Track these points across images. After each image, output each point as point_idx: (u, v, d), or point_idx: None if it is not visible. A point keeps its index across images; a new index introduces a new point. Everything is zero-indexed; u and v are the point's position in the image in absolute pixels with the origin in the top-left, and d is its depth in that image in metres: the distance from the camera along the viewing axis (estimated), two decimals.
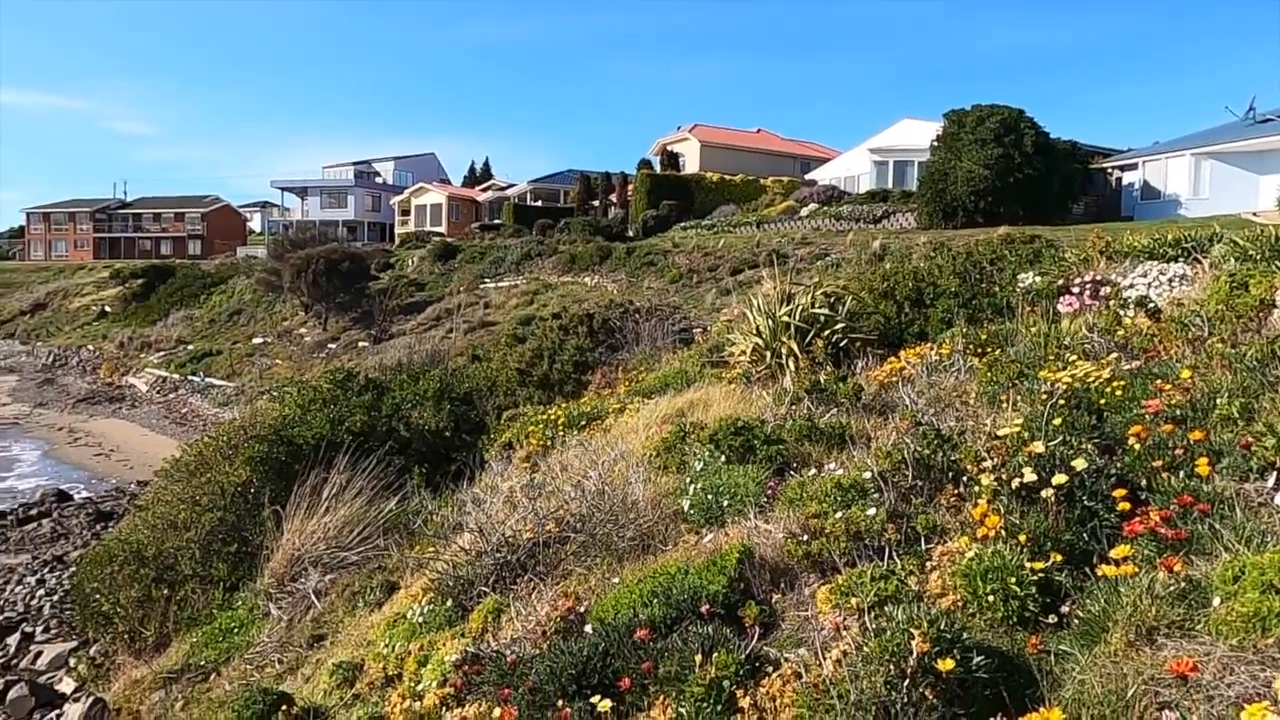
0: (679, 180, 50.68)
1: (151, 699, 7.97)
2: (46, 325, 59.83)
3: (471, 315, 34.12)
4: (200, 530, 10.01)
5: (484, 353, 15.73)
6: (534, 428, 9.33)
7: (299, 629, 7.77)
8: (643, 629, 3.90)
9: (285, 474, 10.29)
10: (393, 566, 7.83)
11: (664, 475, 6.32)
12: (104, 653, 10.43)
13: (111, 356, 46.75)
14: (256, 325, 44.81)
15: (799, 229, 38.02)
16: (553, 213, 54.84)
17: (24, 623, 13.66)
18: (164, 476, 11.82)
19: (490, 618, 5.17)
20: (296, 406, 11.48)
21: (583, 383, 11.47)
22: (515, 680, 3.98)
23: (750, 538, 4.69)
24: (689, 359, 10.92)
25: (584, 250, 38.50)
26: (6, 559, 18.02)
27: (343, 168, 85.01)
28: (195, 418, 33.00)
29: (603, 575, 5.16)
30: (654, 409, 8.42)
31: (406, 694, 4.77)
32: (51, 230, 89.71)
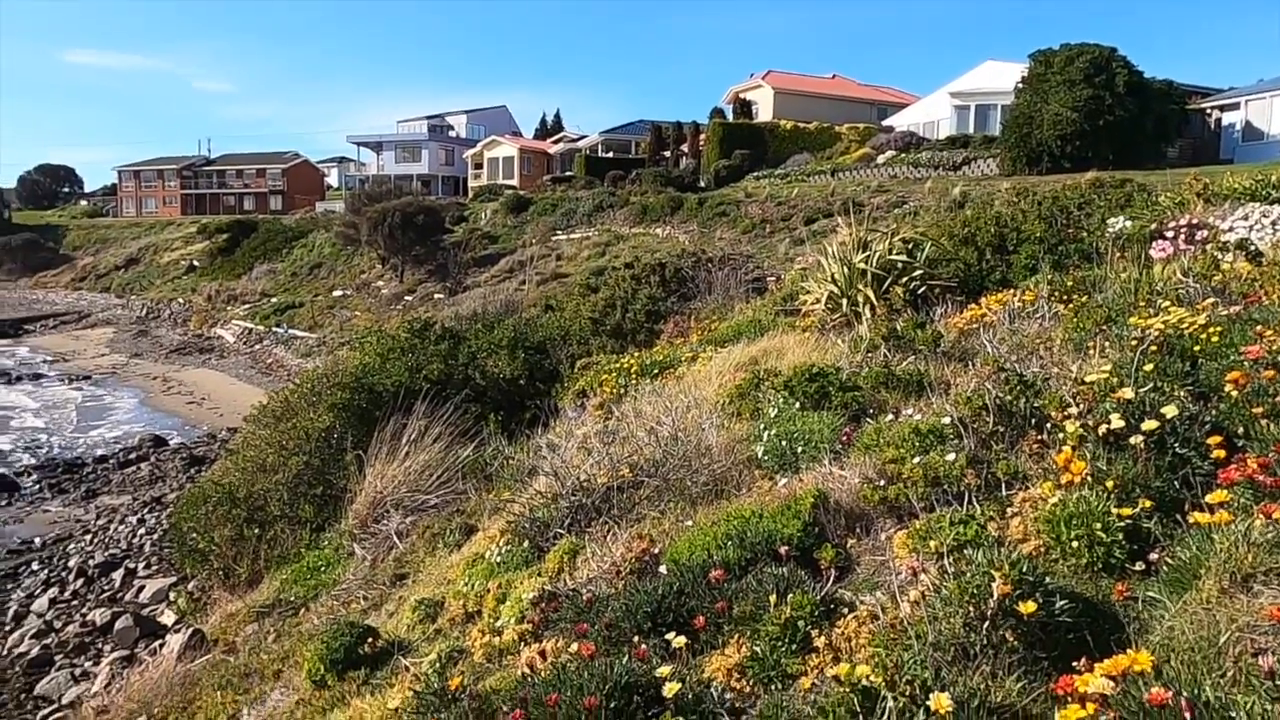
0: (752, 129, 49.82)
1: (246, 631, 8.37)
2: (139, 279, 62.30)
3: (544, 267, 34.34)
4: (287, 473, 10.40)
5: (557, 303, 15.84)
6: (607, 376, 9.39)
7: (382, 568, 8.05)
8: (717, 570, 3.93)
9: (366, 420, 10.61)
10: (470, 510, 8.03)
11: (737, 422, 6.32)
12: (201, 588, 10.99)
13: (200, 309, 48.50)
14: (336, 278, 45.89)
15: (875, 177, 37.12)
16: (624, 164, 54.53)
17: (127, 559, 14.44)
18: (252, 422, 12.28)
19: (566, 558, 5.27)
20: (376, 355, 11.77)
21: (655, 332, 11.47)
22: (591, 617, 4.05)
23: (825, 483, 4.66)
24: (762, 308, 10.82)
25: (655, 201, 38.27)
26: (109, 500, 19.03)
27: (416, 122, 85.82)
28: (280, 368, 34.10)
29: (676, 519, 5.21)
30: (727, 357, 8.40)
31: (486, 629, 4.91)
32: (141, 188, 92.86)
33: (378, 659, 5.49)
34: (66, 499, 19.53)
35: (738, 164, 45.82)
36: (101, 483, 20.53)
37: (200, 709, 6.71)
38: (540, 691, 3.34)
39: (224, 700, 6.62)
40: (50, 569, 14.82)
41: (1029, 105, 32.30)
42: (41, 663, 10.66)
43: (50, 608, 12.76)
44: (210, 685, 7.13)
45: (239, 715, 6.26)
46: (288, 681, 6.32)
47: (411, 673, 4.80)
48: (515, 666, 4.30)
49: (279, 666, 6.80)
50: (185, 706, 7.01)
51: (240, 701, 6.50)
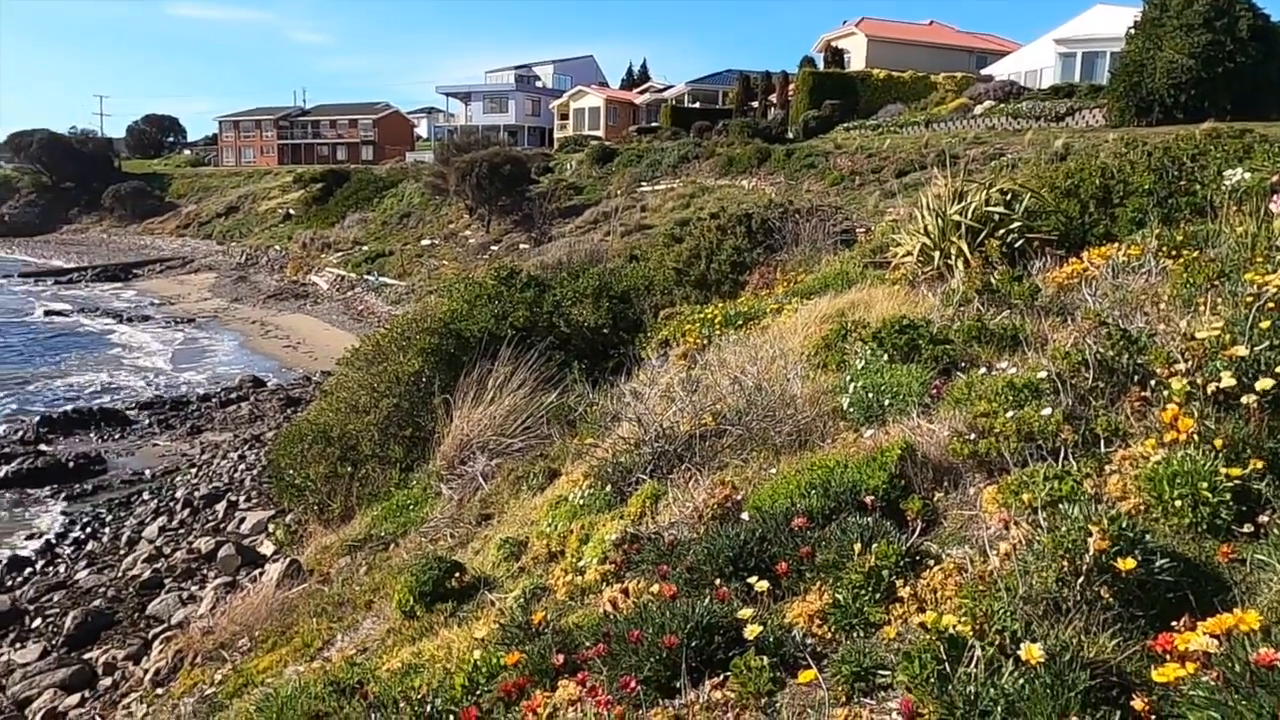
0: (843, 78, 48.46)
1: (339, 563, 8.74)
2: (239, 227, 64.54)
3: (628, 218, 34.30)
4: (378, 414, 10.73)
5: (641, 253, 15.82)
6: (690, 326, 9.37)
7: (468, 508, 8.28)
8: (800, 518, 3.92)
9: (453, 365, 10.83)
10: (554, 454, 8.16)
11: (822, 373, 6.24)
12: (297, 521, 11.49)
13: (296, 256, 50.04)
14: (424, 228, 46.71)
15: (971, 128, 35.79)
16: (710, 114, 53.77)
17: (229, 492, 15.19)
18: (345, 364, 12.68)
19: (648, 503, 5.33)
20: (464, 302, 11.98)
21: (740, 283, 11.37)
22: (673, 560, 4.10)
23: (912, 436, 4.58)
24: (850, 260, 10.61)
25: (742, 152, 37.70)
26: (212, 436, 19.99)
27: (504, 72, 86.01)
28: (370, 314, 35.06)
29: (759, 467, 5.20)
30: (813, 309, 8.28)
31: (569, 569, 5.02)
32: (241, 137, 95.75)
33: (464, 593, 5.68)
34: (173, 434, 20.61)
35: (827, 115, 44.71)
36: (205, 420, 21.58)
37: (297, 633, 7.05)
38: (623, 628, 3.40)
39: (319, 626, 6.94)
40: (159, 499, 15.71)
41: (1141, 52, 30.56)
42: (152, 585, 11.36)
43: (160, 535, 13.55)
44: (306, 612, 7.48)
45: (333, 641, 6.55)
46: (378, 611, 6.58)
47: (497, 607, 4.95)
48: (597, 605, 4.38)
49: (370, 597, 7.09)
50: (284, 631, 7.38)
51: (334, 628, 6.81)
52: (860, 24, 53.86)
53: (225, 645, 7.79)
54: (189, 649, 8.14)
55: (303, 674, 5.63)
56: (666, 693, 3.13)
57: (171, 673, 8.00)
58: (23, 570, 13.13)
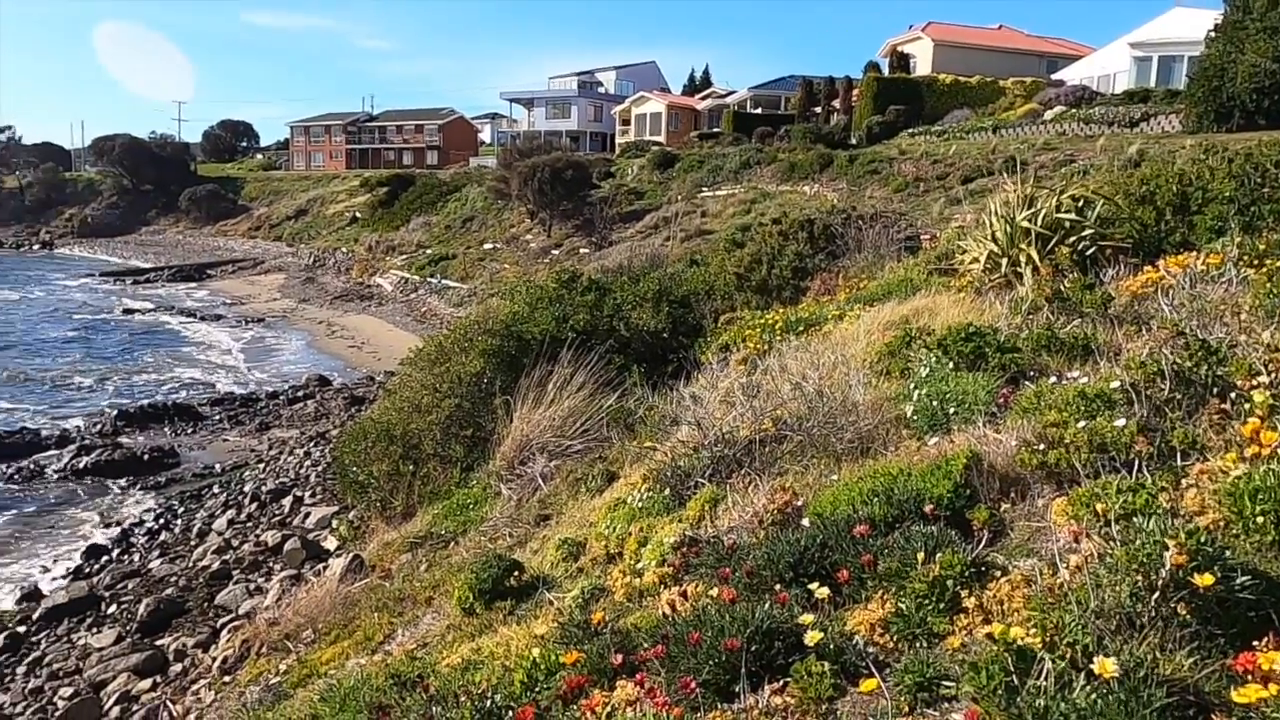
0: (908, 83, 47.81)
1: (400, 559, 8.89)
2: (308, 229, 66.14)
3: (688, 223, 34.29)
4: (440, 414, 10.89)
5: (702, 258, 15.81)
6: (751, 331, 9.33)
7: (527, 508, 8.36)
8: (862, 525, 3.87)
9: (514, 366, 10.95)
10: (613, 457, 8.20)
11: (885, 380, 6.17)
12: (360, 517, 11.72)
13: (361, 258, 51.09)
14: (486, 231, 47.32)
15: (1041, 134, 35.00)
16: (772, 120, 53.51)
17: (295, 487, 15.56)
18: (408, 364, 12.91)
19: (707, 507, 5.32)
20: (525, 304, 12.10)
21: (801, 288, 11.28)
22: (732, 564, 4.08)
23: (978, 445, 4.50)
24: (914, 267, 10.46)
25: (804, 158, 37.44)
26: (280, 433, 20.50)
27: (566, 78, 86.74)
28: (433, 316, 35.62)
29: (819, 474, 5.16)
30: (876, 315, 8.18)
31: (627, 570, 5.03)
32: (310, 142, 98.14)
33: (523, 591, 5.73)
34: (243, 430, 21.19)
35: (891, 120, 44.15)
36: (273, 417, 22.15)
37: (359, 627, 7.19)
38: (682, 630, 3.40)
39: (380, 621, 7.07)
40: (229, 493, 16.16)
41: (1221, 55, 29.55)
42: (221, 575, 11.69)
43: (229, 527, 13.94)
44: (368, 606, 7.62)
45: (394, 635, 6.67)
46: (438, 608, 6.68)
47: (555, 606, 4.99)
48: (655, 607, 4.39)
49: (430, 594, 7.19)
50: (346, 624, 7.53)
51: (395, 623, 6.93)
52: (927, 28, 53.10)
53: (290, 636, 7.97)
54: (255, 639, 8.36)
55: (364, 666, 5.74)
56: (725, 696, 3.12)
57: (239, 661, 8.22)
58: (100, 558, 13.64)
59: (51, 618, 11.38)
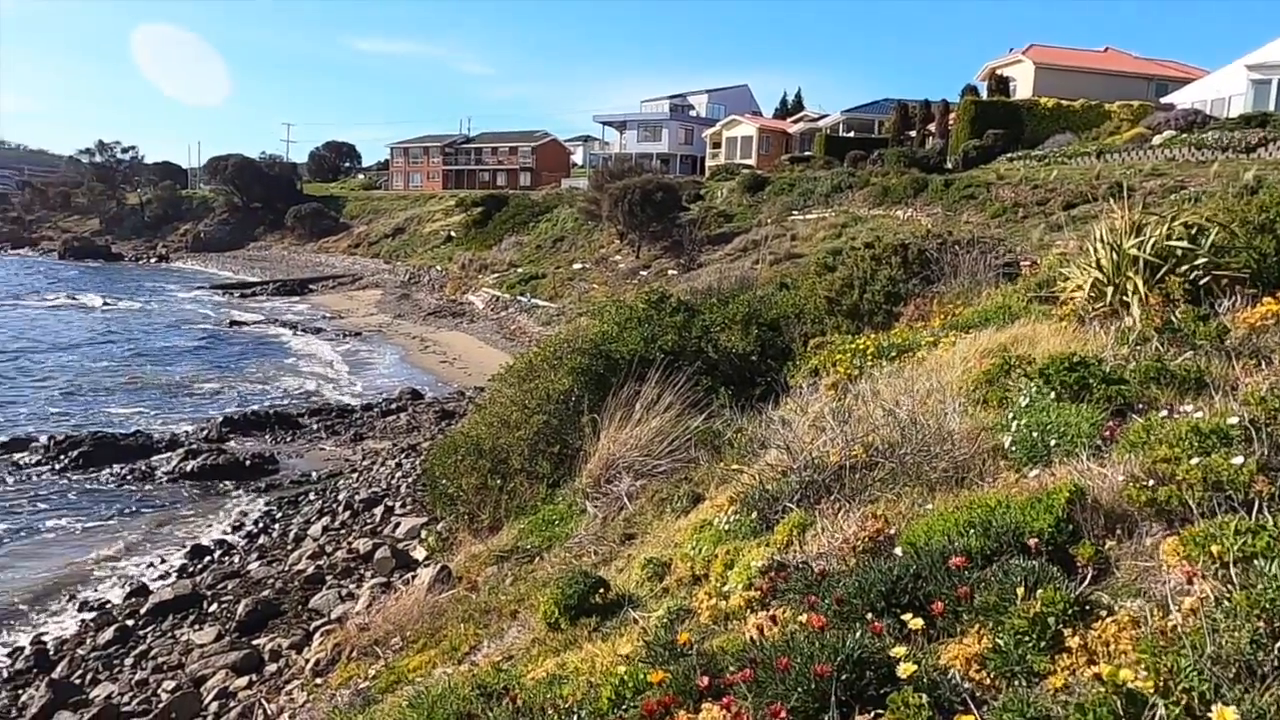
0: (1007, 107, 46.71)
1: (486, 572, 9.02)
2: (404, 247, 68.17)
3: (778, 247, 34.13)
4: (528, 430, 11.04)
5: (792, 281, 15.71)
6: (841, 356, 9.20)
7: (611, 526, 8.39)
8: (958, 557, 3.77)
9: (602, 385, 11.03)
10: (699, 478, 8.18)
11: (982, 409, 6.01)
12: (448, 529, 11.95)
13: (455, 276, 52.37)
14: (576, 252, 47.97)
15: (1148, 159, 33.73)
16: (865, 144, 52.93)
17: (386, 497, 15.97)
18: (499, 380, 13.14)
19: (795, 532, 5.26)
20: (614, 324, 12.21)
21: (893, 314, 11.09)
22: (822, 591, 4.02)
23: (1081, 479, 4.35)
24: (1013, 294, 10.17)
25: (897, 182, 36.90)
26: (373, 444, 21.09)
27: (659, 101, 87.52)
28: (522, 334, 36.22)
29: (912, 503, 5.05)
30: (972, 343, 7.98)
31: (713, 593, 5.00)
32: (409, 163, 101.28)
33: (608, 609, 5.75)
34: (338, 440, 21.88)
35: (989, 144, 43.17)
36: (366, 428, 22.80)
37: (446, 637, 7.32)
38: (770, 655, 3.36)
39: (466, 632, 7.19)
40: (324, 500, 16.69)
41: None
42: (315, 580, 12.06)
43: (323, 534, 14.38)
44: (455, 617, 7.76)
45: (479, 646, 6.76)
46: (524, 621, 6.75)
47: (640, 625, 4.99)
48: (741, 631, 4.35)
49: (515, 607, 7.28)
50: (433, 633, 7.67)
51: (481, 635, 7.03)
52: (1028, 51, 51.82)
53: (379, 642, 8.16)
54: (346, 643, 8.59)
55: (451, 675, 5.84)
56: None
57: (330, 664, 8.46)
58: (203, 558, 14.24)
59: (157, 613, 11.92)
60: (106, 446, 19.96)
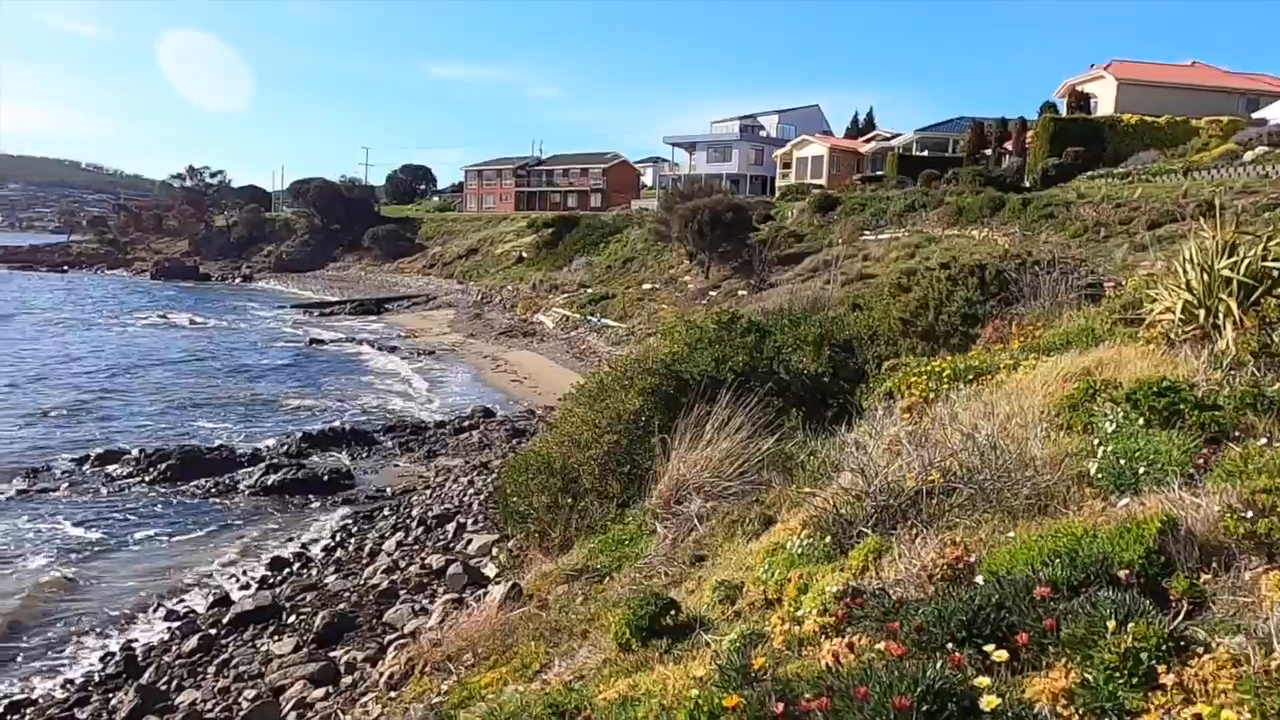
0: (1088, 124, 45.54)
1: (556, 590, 9.07)
2: (477, 268, 69.39)
3: (849, 267, 33.77)
4: (599, 450, 11.10)
5: (864, 302, 15.53)
6: (916, 378, 9.05)
7: (682, 548, 8.36)
8: (1043, 587, 3.67)
9: (672, 406, 11.03)
10: (770, 501, 8.11)
11: (1065, 435, 5.84)
12: (519, 547, 12.06)
13: (526, 296, 53.08)
14: (646, 272, 48.20)
15: (1239, 176, 32.48)
16: (939, 163, 52.12)
17: (458, 514, 16.20)
18: (570, 400, 13.25)
19: (871, 557, 5.17)
20: (684, 344, 12.22)
21: (970, 336, 10.86)
22: (900, 618, 3.95)
23: (1172, 508, 4.19)
24: (1096, 316, 9.88)
25: (973, 201, 36.24)
26: (445, 461, 21.42)
27: (729, 122, 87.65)
28: (592, 353, 36.47)
29: (992, 530, 4.93)
30: (1054, 366, 7.78)
31: (786, 618, 4.94)
32: (482, 185, 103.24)
33: (679, 631, 5.72)
34: (412, 456, 22.29)
35: (1068, 162, 42.12)
36: (439, 445, 23.19)
37: (517, 654, 7.37)
38: (848, 683, 3.31)
39: (537, 650, 7.22)
40: (398, 516, 17.01)
41: None
42: (389, 594, 12.28)
43: (397, 549, 14.65)
44: (525, 635, 7.81)
45: (550, 665, 6.79)
46: (594, 641, 6.76)
47: (713, 649, 4.96)
48: (816, 657, 4.29)
49: (586, 626, 7.30)
50: (504, 650, 7.74)
51: (551, 653, 7.06)
52: (1110, 67, 50.50)
53: (451, 658, 8.27)
54: (419, 658, 8.71)
55: (523, 693, 5.87)
56: None
57: (403, 678, 8.59)
58: (282, 570, 14.63)
59: (239, 623, 12.28)
60: (193, 460, 20.70)
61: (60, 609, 13.52)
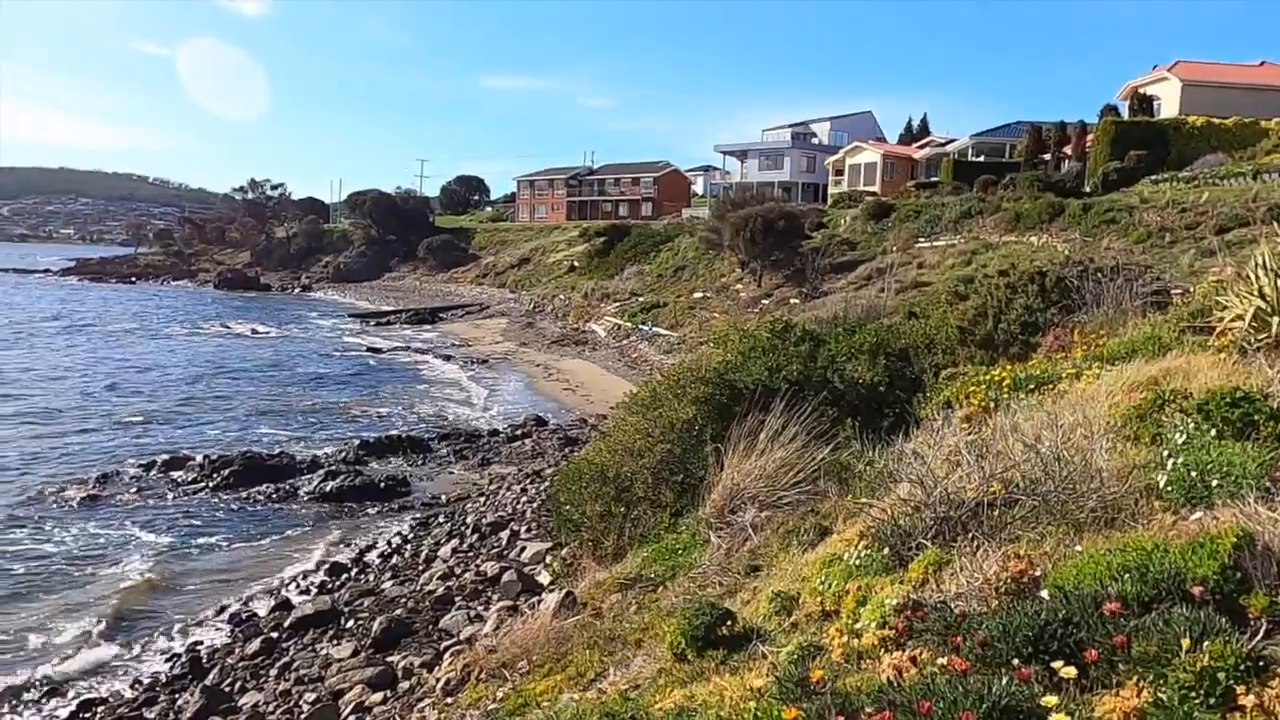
0: (1151, 127, 44.42)
1: (610, 599, 9.08)
2: (529, 277, 70.02)
3: (904, 275, 33.36)
4: (652, 459, 11.11)
5: (920, 310, 15.33)
6: (975, 388, 8.89)
7: (736, 558, 8.32)
8: (1112, 603, 3.58)
9: (725, 415, 10.99)
10: (825, 511, 8.03)
11: (1133, 446, 5.70)
12: (572, 555, 12.10)
13: (577, 305, 53.39)
14: (697, 281, 48.15)
15: None
16: (996, 168, 51.24)
17: (512, 522, 16.32)
18: (622, 408, 13.28)
19: (931, 570, 5.09)
20: (738, 353, 12.18)
21: (1030, 344, 10.65)
22: (962, 633, 3.88)
23: (1248, 523, 4.06)
24: (1162, 324, 9.61)
25: (1031, 207, 35.57)
26: (499, 468, 21.62)
27: (780, 130, 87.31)
28: (643, 362, 36.52)
29: (1057, 543, 4.82)
30: (1119, 375, 7.59)
31: (844, 630, 4.89)
32: (535, 195, 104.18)
33: (735, 641, 5.69)
34: (466, 464, 22.54)
35: (1131, 166, 41.11)
36: (493, 453, 23.41)
37: (571, 662, 7.40)
38: (910, 697, 3.27)
39: (592, 658, 7.24)
40: (453, 523, 17.20)
41: None
42: (445, 601, 12.41)
43: (452, 555, 14.81)
44: (580, 643, 7.83)
45: (605, 673, 6.81)
46: (649, 650, 6.76)
47: (769, 660, 4.92)
48: (875, 670, 4.23)
49: (640, 636, 7.29)
50: (559, 658, 7.77)
51: (606, 662, 7.07)
52: (1174, 68, 49.21)
53: (506, 665, 8.32)
54: (475, 664, 8.79)
55: (578, 702, 5.88)
56: None
57: (459, 684, 8.67)
58: (340, 576, 14.88)
59: (299, 627, 12.51)
60: (255, 467, 21.17)
61: (128, 611, 13.92)
